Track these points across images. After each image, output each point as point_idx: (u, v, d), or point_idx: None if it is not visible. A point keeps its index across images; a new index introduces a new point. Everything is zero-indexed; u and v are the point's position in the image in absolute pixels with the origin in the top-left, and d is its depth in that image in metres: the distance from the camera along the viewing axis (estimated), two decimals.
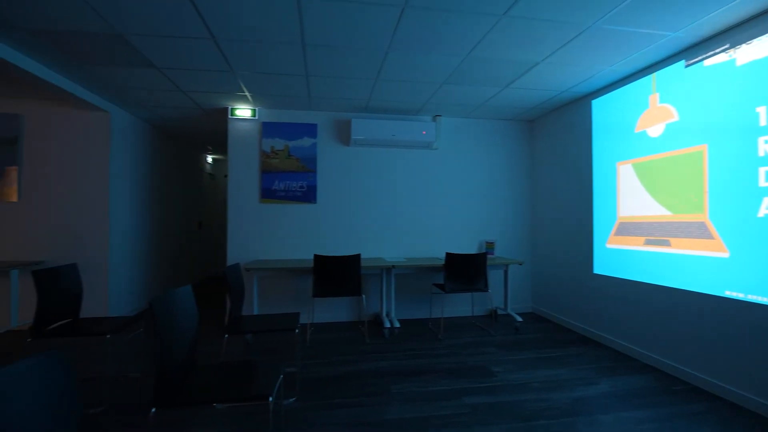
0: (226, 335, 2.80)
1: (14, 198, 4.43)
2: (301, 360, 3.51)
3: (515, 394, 2.83)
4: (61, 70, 3.58)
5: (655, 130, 3.41)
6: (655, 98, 3.41)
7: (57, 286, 2.85)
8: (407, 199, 5.11)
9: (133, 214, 5.24)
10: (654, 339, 3.39)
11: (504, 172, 5.34)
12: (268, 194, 4.81)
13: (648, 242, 3.45)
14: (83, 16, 2.63)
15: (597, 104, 4.13)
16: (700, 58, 3.01)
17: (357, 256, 3.99)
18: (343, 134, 4.97)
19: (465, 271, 4.19)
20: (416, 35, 2.93)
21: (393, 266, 4.36)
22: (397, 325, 4.48)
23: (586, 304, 4.26)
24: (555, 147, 4.88)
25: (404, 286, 5.05)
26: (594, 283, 4.14)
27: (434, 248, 5.16)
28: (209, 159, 8.46)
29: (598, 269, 4.08)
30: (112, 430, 2.33)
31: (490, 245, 5.13)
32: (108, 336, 2.72)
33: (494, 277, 5.15)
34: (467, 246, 5.22)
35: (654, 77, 3.41)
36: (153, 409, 1.65)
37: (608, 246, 3.93)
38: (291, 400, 2.72)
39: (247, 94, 4.27)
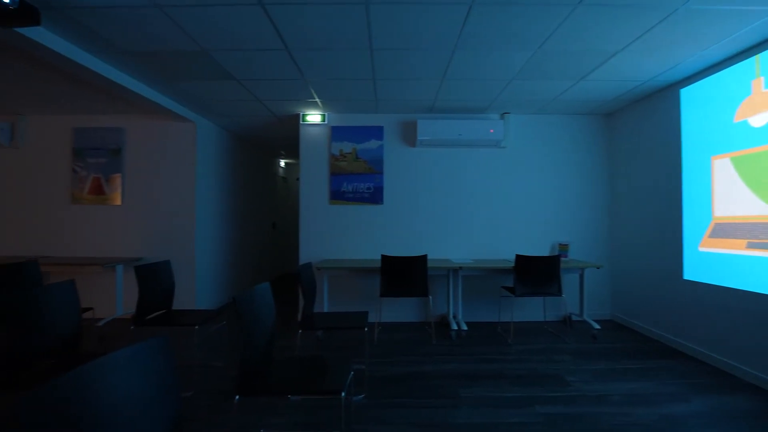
0: (300, 331, 2.94)
1: (118, 202, 5.01)
2: (370, 358, 3.58)
3: (593, 406, 2.67)
4: (155, 86, 3.99)
5: (759, 119, 3.03)
6: (759, 83, 3.03)
7: (154, 281, 3.18)
8: (475, 199, 5.02)
9: (215, 215, 5.68)
10: (760, 354, 3.01)
11: (579, 169, 5.05)
12: (337, 196, 4.97)
13: (751, 245, 3.08)
14: (175, 36, 2.90)
15: (686, 93, 3.76)
16: None
17: (424, 257, 3.99)
18: (409, 135, 5.00)
19: (536, 274, 4.02)
20: (484, 32, 2.87)
21: (460, 267, 4.30)
22: (465, 327, 4.41)
23: (675, 312, 3.89)
24: (637, 141, 4.52)
25: (472, 288, 4.96)
26: (684, 290, 3.77)
27: (503, 250, 5.00)
28: (282, 163, 8.93)
29: (688, 275, 3.71)
30: (201, 413, 2.55)
31: (563, 247, 4.88)
32: (196, 327, 2.98)
33: (569, 281, 4.88)
34: (539, 248, 5.01)
35: (757, 59, 3.04)
36: (237, 397, 1.78)
37: (701, 249, 3.56)
38: (360, 396, 2.79)
39: (317, 100, 4.46)
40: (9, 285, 3.27)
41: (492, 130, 4.73)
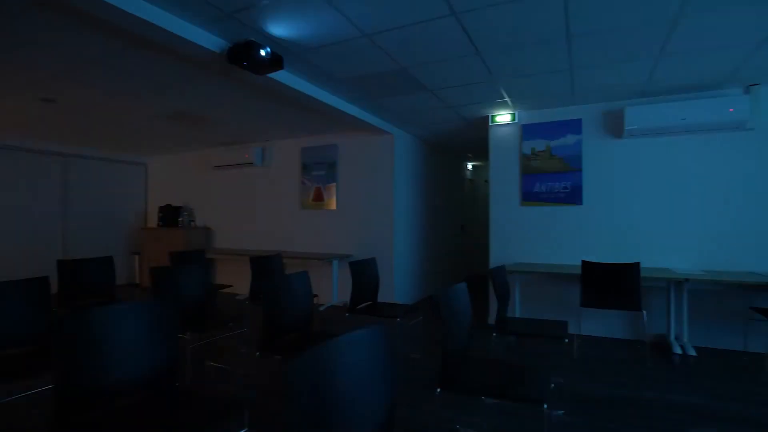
0: (494, 334, 2.92)
1: (334, 207, 5.94)
2: (570, 372, 3.30)
3: None
4: (360, 105, 4.57)
5: None
6: None
7: (364, 275, 3.65)
8: (704, 195, 4.07)
9: (410, 218, 6.14)
10: None
11: None
12: (529, 197, 4.76)
13: None
14: (380, 59, 3.28)
15: None
16: None
17: (636, 265, 3.47)
18: (614, 126, 4.41)
19: None
20: None
21: (686, 279, 3.58)
22: (692, 353, 3.65)
23: None
24: None
25: (701, 305, 4.03)
26: None
27: (750, 259, 3.91)
28: (469, 166, 9.03)
29: None
30: (404, 401, 2.78)
31: None
32: (398, 319, 3.28)
33: None
34: None
35: None
36: (438, 390, 1.89)
37: None
38: (560, 412, 2.60)
39: (507, 99, 4.37)
40: (262, 273, 4.22)
41: (732, 109, 3.77)
